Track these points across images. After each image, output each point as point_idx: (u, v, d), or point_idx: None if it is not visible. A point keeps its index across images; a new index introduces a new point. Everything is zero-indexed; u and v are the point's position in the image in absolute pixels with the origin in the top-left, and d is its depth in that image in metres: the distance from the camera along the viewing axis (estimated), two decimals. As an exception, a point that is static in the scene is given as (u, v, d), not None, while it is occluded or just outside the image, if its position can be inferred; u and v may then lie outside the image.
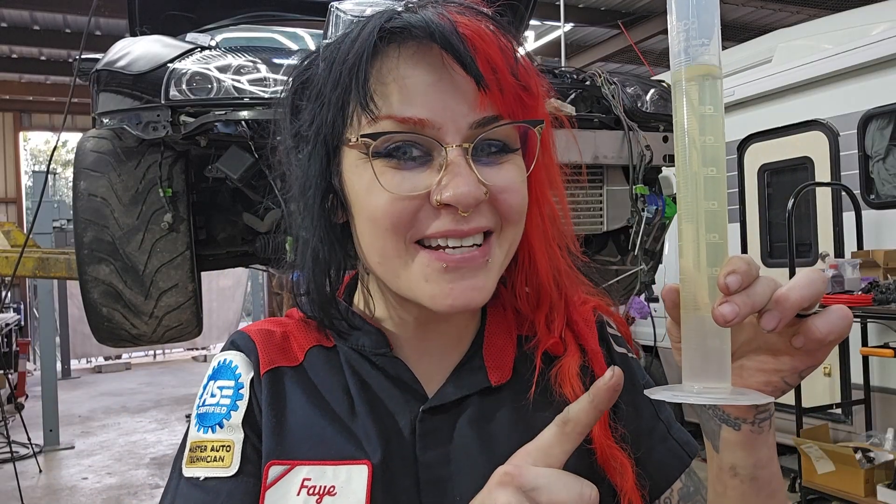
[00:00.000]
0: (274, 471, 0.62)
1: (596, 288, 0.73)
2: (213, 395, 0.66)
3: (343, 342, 0.68)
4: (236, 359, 0.67)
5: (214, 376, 0.67)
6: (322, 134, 0.61)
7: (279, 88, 0.69)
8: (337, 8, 2.75)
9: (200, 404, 0.66)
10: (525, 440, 0.64)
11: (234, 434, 0.64)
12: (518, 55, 0.60)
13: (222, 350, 0.70)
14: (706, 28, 0.49)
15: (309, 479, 0.61)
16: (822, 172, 4.49)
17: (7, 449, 5.49)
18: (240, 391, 0.65)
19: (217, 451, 0.64)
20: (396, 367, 0.66)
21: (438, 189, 0.57)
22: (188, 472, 0.63)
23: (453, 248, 0.58)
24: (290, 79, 0.66)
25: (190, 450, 0.65)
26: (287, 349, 0.68)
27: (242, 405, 0.65)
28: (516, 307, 0.70)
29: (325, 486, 0.61)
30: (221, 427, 0.64)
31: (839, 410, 4.16)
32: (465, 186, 0.56)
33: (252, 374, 0.66)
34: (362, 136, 0.57)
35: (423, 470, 0.63)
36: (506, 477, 0.46)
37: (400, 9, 0.59)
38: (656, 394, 0.50)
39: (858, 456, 3.53)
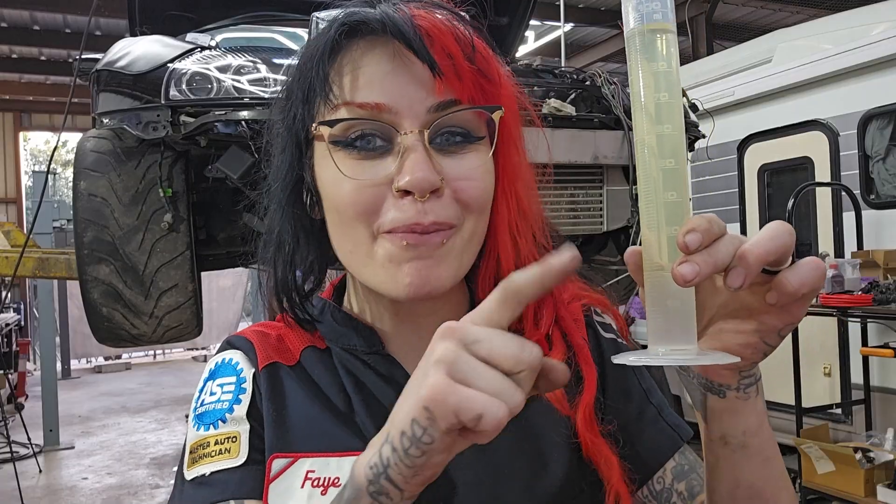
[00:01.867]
0: (277, 464, 0.62)
1: (589, 284, 0.73)
2: (212, 394, 0.66)
3: (335, 343, 0.69)
4: (236, 356, 0.68)
5: (212, 376, 0.67)
6: (293, 130, 0.63)
7: (279, 88, 0.71)
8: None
9: (198, 405, 0.66)
10: (521, 435, 0.65)
11: (239, 426, 0.64)
12: (475, 44, 0.61)
13: (218, 352, 0.70)
14: None
15: (313, 471, 0.61)
16: (822, 172, 4.48)
17: (7, 449, 5.49)
18: (242, 385, 0.65)
19: (222, 443, 0.63)
20: (389, 366, 0.67)
21: (397, 176, 0.58)
22: (190, 473, 0.62)
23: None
24: (281, 87, 0.68)
25: (191, 452, 0.64)
26: (283, 349, 0.69)
27: (246, 398, 0.65)
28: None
29: (329, 478, 0.61)
30: (224, 422, 0.64)
31: (839, 410, 4.15)
32: (420, 172, 0.56)
33: (253, 369, 0.67)
34: (320, 122, 0.59)
35: None
36: (447, 330, 0.45)
37: (361, 6, 0.62)
38: (620, 359, 0.48)
39: (858, 456, 3.53)
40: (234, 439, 0.63)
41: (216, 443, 0.63)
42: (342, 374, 0.67)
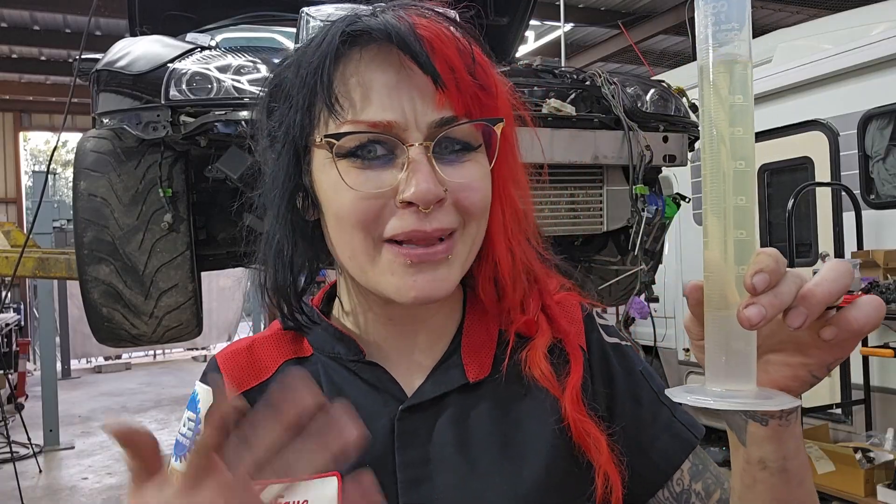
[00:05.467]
0: None
1: (571, 282, 0.74)
2: (183, 425, 0.70)
3: (321, 352, 0.70)
4: (200, 391, 0.71)
5: (188, 405, 0.71)
6: (291, 135, 0.63)
7: (259, 96, 0.73)
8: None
9: (178, 432, 0.70)
10: (505, 436, 0.66)
11: None
12: (475, 56, 0.62)
13: (200, 377, 0.73)
14: (737, 11, 0.47)
15: (282, 497, 0.63)
16: (822, 172, 4.48)
17: (7, 449, 5.49)
18: (198, 426, 0.69)
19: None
20: (374, 372, 0.67)
21: (402, 188, 0.59)
22: None
23: (417, 242, 0.60)
24: (267, 81, 0.68)
25: None
26: (255, 366, 0.70)
27: None
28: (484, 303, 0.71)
29: (297, 502, 0.63)
30: (184, 459, 0.67)
31: (839, 410, 4.16)
32: (424, 184, 0.58)
33: (211, 403, 0.67)
34: (326, 136, 0.59)
35: (401, 470, 0.64)
36: None
37: (362, 13, 0.62)
38: (678, 396, 0.49)
39: (858, 456, 3.54)
40: None
41: (176, 479, 0.66)
42: (324, 382, 0.68)
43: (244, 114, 2.51)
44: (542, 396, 0.67)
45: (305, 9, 2.81)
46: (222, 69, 2.64)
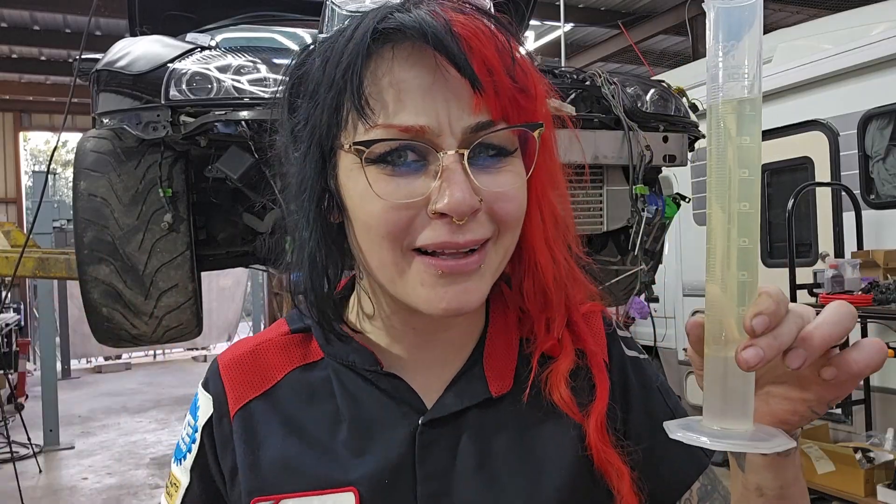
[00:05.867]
0: None
1: (597, 290, 0.72)
2: (184, 428, 0.70)
3: (333, 359, 0.67)
4: (201, 399, 0.69)
5: (190, 409, 0.70)
6: (317, 135, 0.59)
7: (279, 88, 0.67)
8: (332, 2, 2.75)
9: (181, 432, 0.70)
10: (525, 453, 0.64)
11: (183, 476, 0.68)
12: (515, 56, 0.58)
13: (202, 381, 0.71)
14: (748, 50, 0.46)
15: None
16: (822, 172, 4.48)
17: (7, 449, 5.48)
18: (194, 434, 0.68)
19: (173, 484, 0.69)
20: (391, 382, 0.65)
21: (435, 198, 0.55)
22: (162, 498, 0.69)
23: (448, 254, 0.57)
24: (287, 74, 0.64)
25: (169, 474, 0.70)
26: (260, 374, 0.68)
27: (194, 448, 0.67)
28: (523, 308, 0.68)
29: None
30: (180, 464, 0.68)
31: (839, 410, 4.16)
32: (459, 194, 0.54)
33: (210, 414, 0.67)
34: (355, 143, 0.56)
35: (421, 484, 0.62)
36: None
37: (394, 7, 0.57)
38: (674, 432, 0.49)
39: (858, 456, 3.54)
40: (176, 487, 0.68)
41: (171, 483, 0.69)
42: (337, 390, 0.66)
43: (244, 114, 2.51)
44: (562, 416, 0.65)
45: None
46: (222, 69, 2.64)
